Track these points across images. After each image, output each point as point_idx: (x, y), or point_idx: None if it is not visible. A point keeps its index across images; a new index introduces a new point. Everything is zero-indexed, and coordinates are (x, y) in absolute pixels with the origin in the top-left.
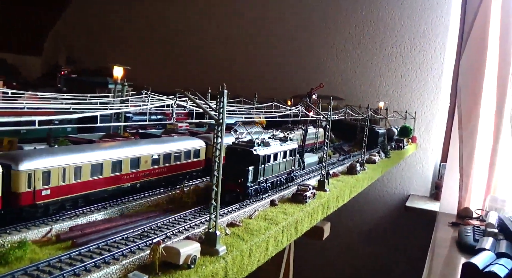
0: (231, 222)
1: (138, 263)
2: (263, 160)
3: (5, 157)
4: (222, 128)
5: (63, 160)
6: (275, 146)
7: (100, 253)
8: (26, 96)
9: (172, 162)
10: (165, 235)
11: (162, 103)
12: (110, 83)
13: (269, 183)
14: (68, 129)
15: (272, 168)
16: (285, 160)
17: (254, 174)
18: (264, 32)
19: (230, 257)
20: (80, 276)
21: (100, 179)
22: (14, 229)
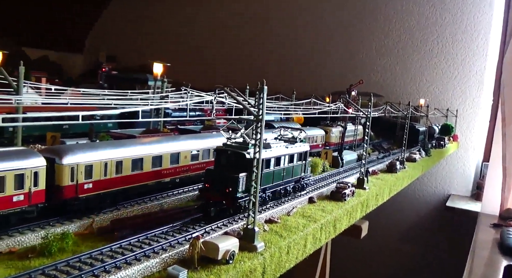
0: (269, 218)
1: (177, 257)
2: (265, 162)
3: (49, 151)
4: (261, 124)
5: (105, 155)
6: (278, 149)
7: (140, 246)
8: (69, 92)
9: (211, 157)
10: (204, 230)
11: (202, 99)
12: (149, 80)
13: (269, 193)
14: (109, 124)
15: (273, 175)
16: (291, 165)
17: (247, 183)
18: (302, 29)
19: (268, 253)
20: (121, 269)
21: (140, 173)
22: (57, 222)
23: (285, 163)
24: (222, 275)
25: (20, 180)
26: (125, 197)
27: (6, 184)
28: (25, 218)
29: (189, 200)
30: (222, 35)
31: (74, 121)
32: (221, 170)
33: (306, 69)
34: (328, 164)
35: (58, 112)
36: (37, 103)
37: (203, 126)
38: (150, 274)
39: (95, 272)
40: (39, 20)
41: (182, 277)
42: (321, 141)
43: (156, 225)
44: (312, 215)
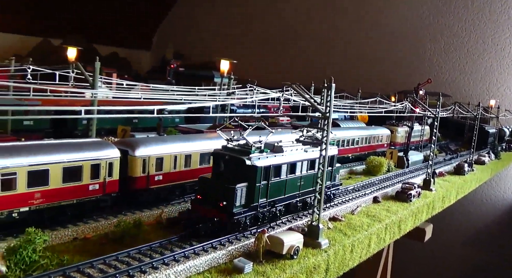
0: (333, 216)
1: (243, 250)
2: (265, 174)
3: (122, 144)
4: (328, 121)
5: (175, 148)
6: (294, 153)
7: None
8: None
9: None
10: (269, 225)
11: (268, 96)
12: (216, 77)
13: (280, 206)
14: (176, 119)
15: (286, 184)
16: (312, 173)
17: (247, 195)
18: (368, 27)
19: (332, 251)
20: (189, 259)
21: (208, 167)
22: (129, 211)
23: (303, 170)
24: (286, 269)
25: (96, 170)
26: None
27: (83, 173)
28: (100, 207)
29: None
30: (286, 33)
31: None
32: (217, 178)
33: (371, 67)
34: (393, 164)
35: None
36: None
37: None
38: (217, 265)
39: (165, 261)
40: (109, 18)
41: (247, 269)
42: (386, 141)
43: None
44: (377, 214)
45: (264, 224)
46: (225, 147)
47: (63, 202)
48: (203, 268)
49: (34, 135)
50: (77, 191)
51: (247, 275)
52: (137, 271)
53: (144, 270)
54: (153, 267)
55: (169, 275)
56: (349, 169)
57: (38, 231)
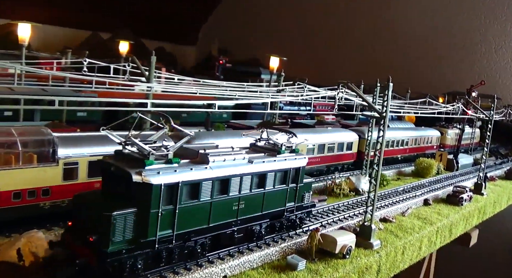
0: (384, 217)
1: (295, 247)
2: (169, 195)
3: (178, 137)
4: (385, 121)
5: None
6: (226, 164)
7: None
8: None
9: (325, 152)
10: (320, 223)
11: (321, 94)
12: (263, 73)
13: (202, 240)
14: (224, 115)
15: (211, 209)
16: (260, 191)
17: (137, 226)
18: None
19: (384, 252)
20: (244, 254)
21: None
22: None
23: (244, 188)
24: (339, 268)
25: None
26: None
27: None
28: None
29: None
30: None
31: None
32: (94, 200)
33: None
34: (442, 166)
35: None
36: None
37: (317, 121)
38: (270, 261)
39: (220, 255)
40: (156, 13)
41: (301, 266)
42: (436, 143)
43: None
44: (428, 217)
45: (174, 265)
46: (118, 153)
47: None
48: (257, 264)
49: (87, 126)
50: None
51: (300, 272)
52: (194, 264)
53: (200, 263)
54: (209, 261)
55: (224, 269)
56: (398, 170)
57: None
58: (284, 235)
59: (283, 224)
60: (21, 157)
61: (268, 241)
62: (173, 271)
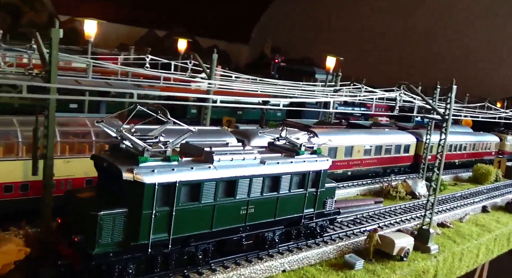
0: (442, 222)
1: (353, 247)
2: (164, 195)
3: (239, 133)
4: (447, 124)
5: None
6: (234, 164)
7: None
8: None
9: (382, 154)
10: (378, 225)
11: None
12: (318, 73)
13: (204, 246)
14: (278, 113)
15: (214, 212)
16: (273, 196)
17: (127, 227)
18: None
19: (441, 257)
20: (302, 250)
21: None
22: None
23: (255, 191)
24: (396, 270)
25: None
26: None
27: None
28: None
29: (357, 194)
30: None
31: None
32: (83, 198)
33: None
34: (501, 173)
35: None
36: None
37: (373, 122)
38: (327, 259)
39: (279, 250)
40: (211, 11)
41: (358, 266)
42: (494, 149)
43: None
44: (486, 224)
45: (170, 271)
46: (115, 148)
47: None
48: (314, 261)
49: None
50: None
51: (358, 271)
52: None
53: (261, 256)
54: (269, 255)
55: (283, 264)
56: (455, 175)
57: None
58: (301, 244)
59: (301, 232)
60: (94, 146)
61: (325, 239)
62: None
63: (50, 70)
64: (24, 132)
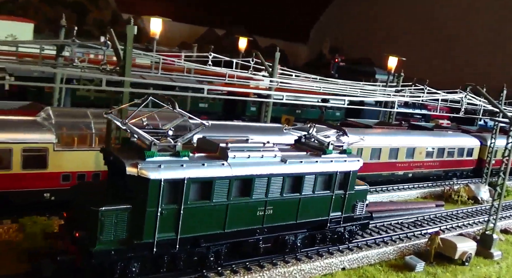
0: (505, 228)
1: (413, 249)
2: (171, 192)
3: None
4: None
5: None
6: (251, 162)
7: (378, 232)
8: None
9: (444, 157)
10: (439, 228)
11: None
12: (378, 73)
13: (216, 247)
14: (337, 113)
15: (227, 212)
16: (295, 197)
17: (131, 225)
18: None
19: (505, 263)
20: (363, 249)
21: (377, 163)
22: None
23: (274, 192)
24: (458, 275)
25: None
26: None
27: None
28: None
29: (418, 196)
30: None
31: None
32: (88, 191)
33: None
34: None
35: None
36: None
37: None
38: (387, 260)
39: (329, 250)
40: (269, 10)
41: (419, 268)
42: None
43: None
44: None
45: (179, 272)
46: (126, 141)
47: None
48: (374, 261)
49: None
50: None
51: (418, 274)
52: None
53: (321, 253)
54: (329, 252)
55: (342, 261)
56: None
57: None
58: (332, 249)
59: (326, 237)
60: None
61: (386, 240)
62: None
63: (125, 65)
64: (97, 124)
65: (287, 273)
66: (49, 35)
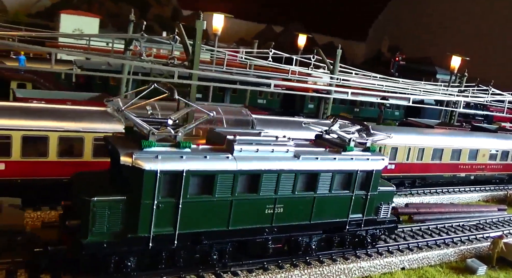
0: None
1: (474, 252)
2: (170, 185)
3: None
4: None
5: (409, 140)
6: (259, 156)
7: (439, 233)
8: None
9: (508, 160)
10: (502, 232)
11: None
12: (439, 73)
13: (222, 245)
14: (396, 112)
15: (232, 208)
16: (308, 195)
17: (125, 217)
18: None
19: None
20: (423, 250)
21: (438, 164)
22: None
23: (285, 189)
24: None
25: None
26: (422, 184)
27: None
28: None
29: (479, 199)
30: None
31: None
32: (85, 181)
33: None
34: None
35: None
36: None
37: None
38: (447, 261)
39: (389, 248)
40: (328, 8)
41: (481, 271)
42: None
43: (450, 217)
44: None
45: (178, 268)
46: (128, 130)
47: None
48: (434, 262)
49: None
50: None
51: (480, 277)
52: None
53: (381, 252)
54: (389, 251)
55: (402, 261)
56: None
57: None
58: (348, 254)
59: (346, 240)
60: None
61: (447, 242)
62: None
63: (193, 59)
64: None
65: (346, 269)
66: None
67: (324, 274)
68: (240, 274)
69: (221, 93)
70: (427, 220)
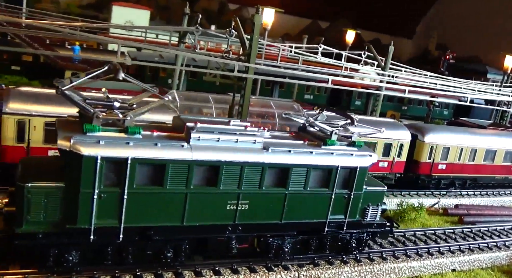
0: None
1: None
2: (114, 173)
3: (412, 127)
4: None
5: (461, 140)
6: (221, 145)
7: (491, 236)
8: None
9: None
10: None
11: None
12: (490, 72)
13: (176, 242)
14: (444, 112)
15: (187, 202)
16: (279, 192)
17: (64, 207)
18: None
19: None
20: (474, 252)
21: (491, 165)
22: (408, 194)
23: (251, 184)
24: None
25: (387, 149)
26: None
27: (376, 150)
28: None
29: None
30: None
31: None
32: (27, 166)
33: None
34: None
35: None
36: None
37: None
38: (499, 265)
39: (440, 249)
40: (375, 5)
41: None
42: None
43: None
44: None
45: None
46: (81, 114)
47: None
48: (486, 265)
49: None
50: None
51: None
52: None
53: (431, 252)
54: (439, 252)
55: (453, 263)
56: None
57: None
58: (337, 258)
59: (325, 243)
60: (276, 127)
61: (499, 245)
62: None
63: (250, 53)
64: (218, 109)
65: (396, 268)
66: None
67: (374, 272)
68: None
69: (268, 87)
70: (477, 222)
